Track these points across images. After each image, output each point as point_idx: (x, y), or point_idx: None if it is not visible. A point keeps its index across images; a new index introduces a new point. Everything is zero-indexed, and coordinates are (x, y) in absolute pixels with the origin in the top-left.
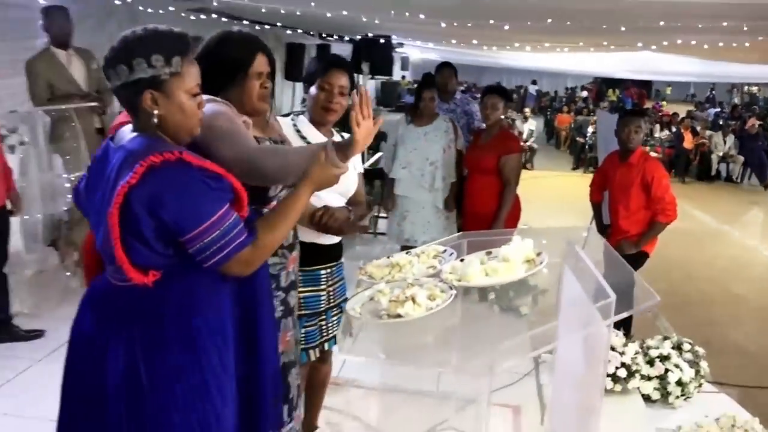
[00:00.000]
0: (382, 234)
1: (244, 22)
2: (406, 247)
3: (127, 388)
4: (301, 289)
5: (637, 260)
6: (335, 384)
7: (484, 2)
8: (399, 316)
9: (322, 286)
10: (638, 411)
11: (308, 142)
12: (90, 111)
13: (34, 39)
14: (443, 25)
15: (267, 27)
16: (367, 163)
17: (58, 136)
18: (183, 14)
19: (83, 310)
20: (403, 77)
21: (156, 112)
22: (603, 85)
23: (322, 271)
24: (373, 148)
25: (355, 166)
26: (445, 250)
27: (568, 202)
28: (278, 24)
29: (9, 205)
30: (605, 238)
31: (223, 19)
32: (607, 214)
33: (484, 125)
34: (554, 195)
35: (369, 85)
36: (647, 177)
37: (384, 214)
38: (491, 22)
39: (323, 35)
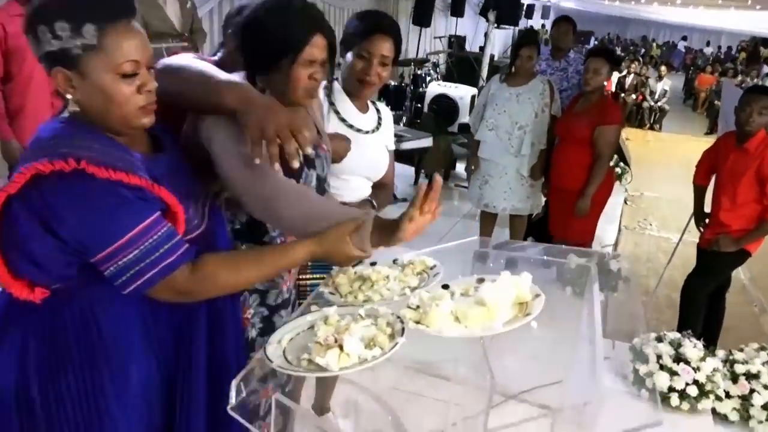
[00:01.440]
0: (464, 187)
1: None
2: (485, 213)
3: (18, 408)
4: (308, 276)
5: (735, 259)
6: None
7: None
8: (319, 366)
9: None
10: None
11: (340, 116)
12: (182, 51)
13: None
14: None
15: None
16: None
17: None
18: None
19: None
20: (543, 26)
21: (70, 96)
22: (760, 46)
23: None
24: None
25: (387, 144)
26: (433, 266)
27: (691, 169)
28: None
29: None
30: (701, 228)
31: None
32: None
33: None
34: (678, 161)
35: (497, 36)
36: (765, 168)
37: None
38: None
39: None
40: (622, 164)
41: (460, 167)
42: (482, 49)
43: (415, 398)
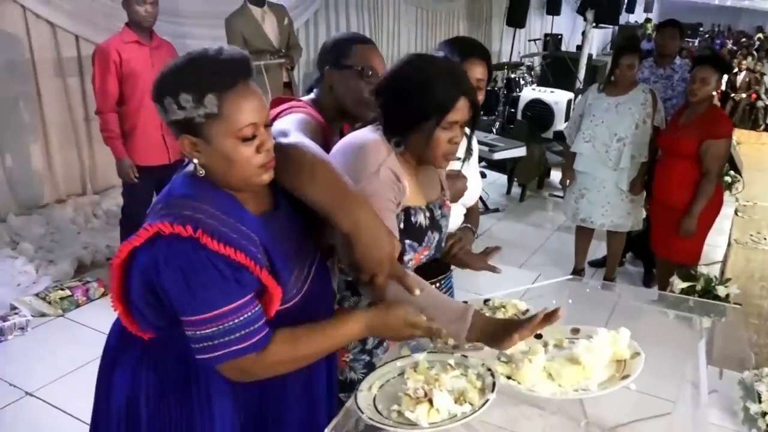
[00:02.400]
0: (559, 197)
1: None
2: (581, 228)
3: (127, 420)
4: None
5: None
6: None
7: None
8: (409, 420)
9: None
10: None
11: None
12: (279, 66)
13: None
14: None
15: None
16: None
17: None
18: None
19: (117, 319)
20: (648, 20)
21: (196, 161)
22: None
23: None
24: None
25: (476, 168)
26: (526, 311)
27: None
28: None
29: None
30: None
31: None
32: None
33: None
34: None
35: (595, 34)
36: None
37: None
38: None
39: None
40: (732, 172)
41: (555, 175)
42: (579, 48)
43: (505, 430)
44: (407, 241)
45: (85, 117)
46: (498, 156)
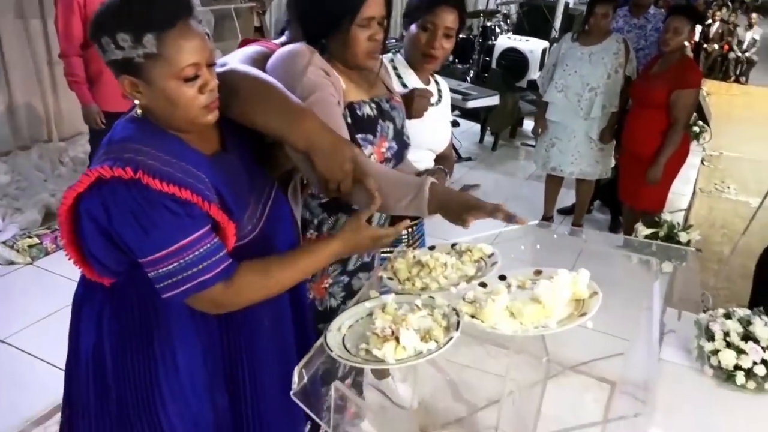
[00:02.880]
0: (531, 146)
1: None
2: (551, 176)
3: (94, 367)
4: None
5: None
6: None
7: None
8: (377, 357)
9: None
10: None
11: (405, 85)
12: (250, 11)
13: None
14: None
15: None
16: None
17: (219, 34)
18: None
19: (82, 274)
20: None
21: (137, 101)
22: None
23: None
24: None
25: (446, 115)
26: (491, 254)
27: None
28: None
29: None
30: None
31: None
32: None
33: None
34: (765, 117)
35: None
36: None
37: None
38: None
39: None
40: (700, 122)
41: (528, 124)
42: None
43: (471, 368)
44: (359, 136)
45: (48, 61)
46: (471, 104)
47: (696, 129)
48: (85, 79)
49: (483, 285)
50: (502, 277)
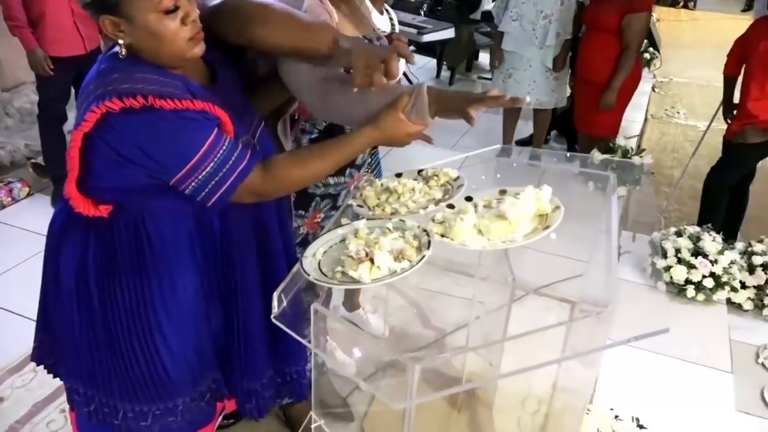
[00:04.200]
0: (488, 79)
1: None
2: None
3: (78, 300)
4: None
5: (761, 150)
6: None
7: None
8: (352, 278)
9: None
10: (718, 325)
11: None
12: None
13: None
14: None
15: None
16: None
17: None
18: None
19: (59, 206)
20: None
21: (121, 41)
22: None
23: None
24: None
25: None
26: (457, 177)
27: (725, 50)
28: None
29: (103, 47)
30: (729, 120)
31: None
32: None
33: None
34: (712, 42)
35: None
36: None
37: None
38: None
39: None
40: (651, 49)
41: (484, 57)
42: None
43: (439, 295)
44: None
45: None
46: (426, 38)
47: (647, 56)
48: (27, 23)
49: (450, 206)
50: (469, 198)
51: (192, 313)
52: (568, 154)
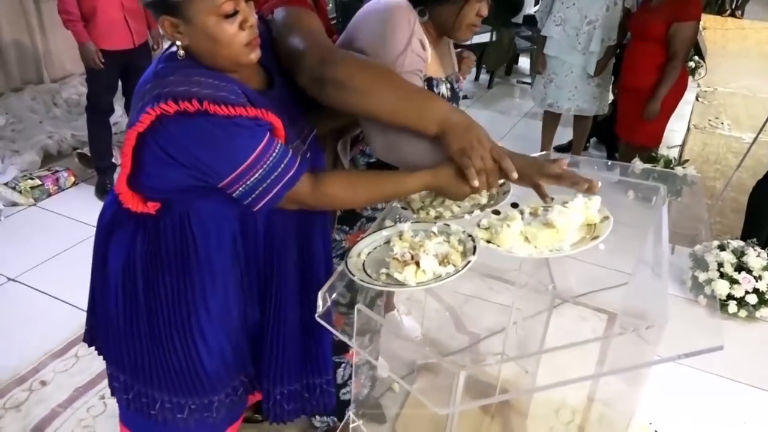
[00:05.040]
0: (527, 83)
1: None
2: (548, 113)
3: (124, 291)
4: None
5: None
6: None
7: None
8: (397, 280)
9: None
10: (762, 342)
11: None
12: None
13: None
14: None
15: None
16: None
17: None
18: None
19: (109, 199)
20: None
21: (179, 43)
22: None
23: None
24: None
25: None
26: (503, 183)
27: None
28: None
29: (151, 42)
30: None
31: None
32: None
33: None
34: (759, 52)
35: None
36: None
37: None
38: None
39: None
40: (696, 57)
41: (524, 62)
42: None
43: (473, 300)
44: None
45: None
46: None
47: (692, 64)
48: (80, 17)
49: (496, 212)
50: (515, 205)
51: (230, 312)
52: (609, 162)
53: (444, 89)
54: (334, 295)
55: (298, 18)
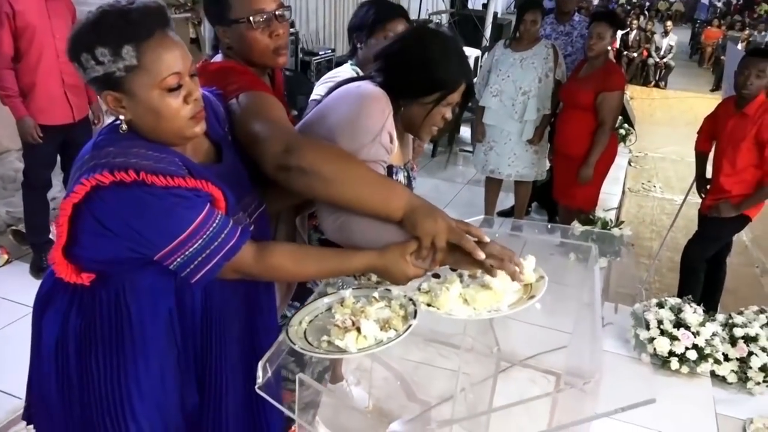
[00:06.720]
0: (469, 152)
1: None
2: (490, 179)
3: (56, 365)
4: None
5: (736, 224)
6: None
7: None
8: (339, 347)
9: None
10: (703, 398)
11: None
12: (185, 21)
13: None
14: None
15: None
16: None
17: None
18: None
19: (49, 270)
20: None
21: (122, 117)
22: None
23: None
24: None
25: None
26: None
27: (695, 127)
28: None
29: (91, 116)
30: (702, 194)
31: None
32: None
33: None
34: (684, 119)
35: None
36: (763, 133)
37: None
38: None
39: None
40: (626, 125)
41: (465, 131)
42: (485, 6)
43: (423, 366)
44: None
45: None
46: None
47: (622, 132)
48: (18, 93)
49: (436, 276)
50: (454, 269)
51: (166, 391)
52: (549, 225)
53: (402, 177)
54: (274, 367)
55: (261, 103)
